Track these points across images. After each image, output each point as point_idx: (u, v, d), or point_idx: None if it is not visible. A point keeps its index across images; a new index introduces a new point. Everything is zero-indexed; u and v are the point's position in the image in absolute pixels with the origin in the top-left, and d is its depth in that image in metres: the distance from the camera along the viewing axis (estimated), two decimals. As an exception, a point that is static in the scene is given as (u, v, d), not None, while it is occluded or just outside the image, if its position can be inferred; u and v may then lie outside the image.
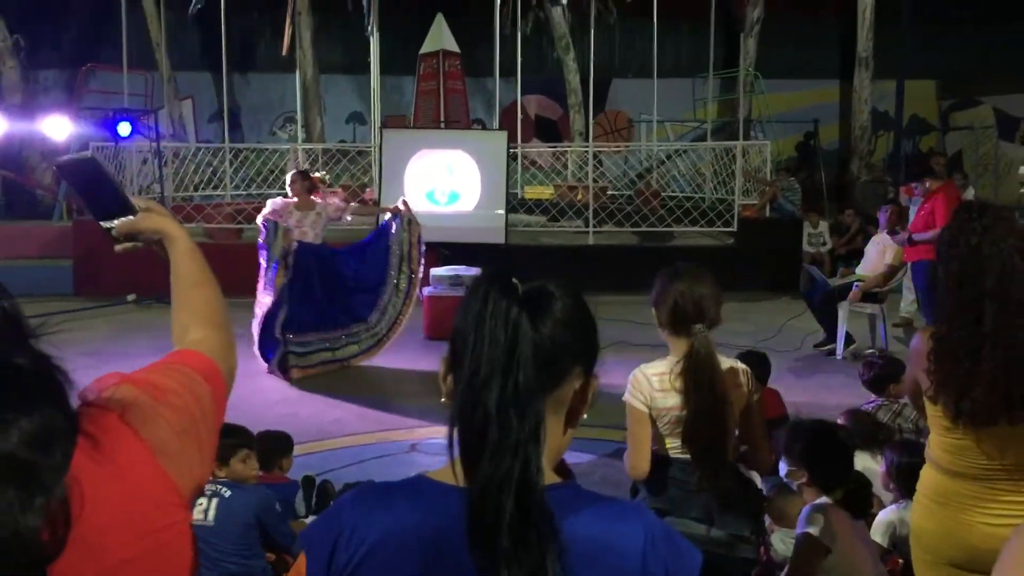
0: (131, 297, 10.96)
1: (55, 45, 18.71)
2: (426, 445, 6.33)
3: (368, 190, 12.62)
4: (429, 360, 8.63)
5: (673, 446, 2.97)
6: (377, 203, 11.13)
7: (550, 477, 1.22)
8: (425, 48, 14.24)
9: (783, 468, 3.95)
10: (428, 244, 11.38)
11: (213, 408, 1.40)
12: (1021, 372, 2.46)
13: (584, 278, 10.90)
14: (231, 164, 14.00)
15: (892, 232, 8.35)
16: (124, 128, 9.82)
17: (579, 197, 13.56)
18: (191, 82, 19.31)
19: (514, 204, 13.00)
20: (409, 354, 8.71)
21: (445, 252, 11.22)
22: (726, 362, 2.99)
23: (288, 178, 8.40)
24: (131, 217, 1.62)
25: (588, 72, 17.93)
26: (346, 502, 1.27)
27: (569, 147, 16.45)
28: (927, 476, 2.74)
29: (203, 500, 3.55)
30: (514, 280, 1.24)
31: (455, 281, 9.31)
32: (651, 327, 3.15)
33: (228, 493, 3.65)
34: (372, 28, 14.07)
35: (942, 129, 20.89)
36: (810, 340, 9.01)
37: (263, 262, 7.76)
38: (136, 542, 1.13)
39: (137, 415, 1.22)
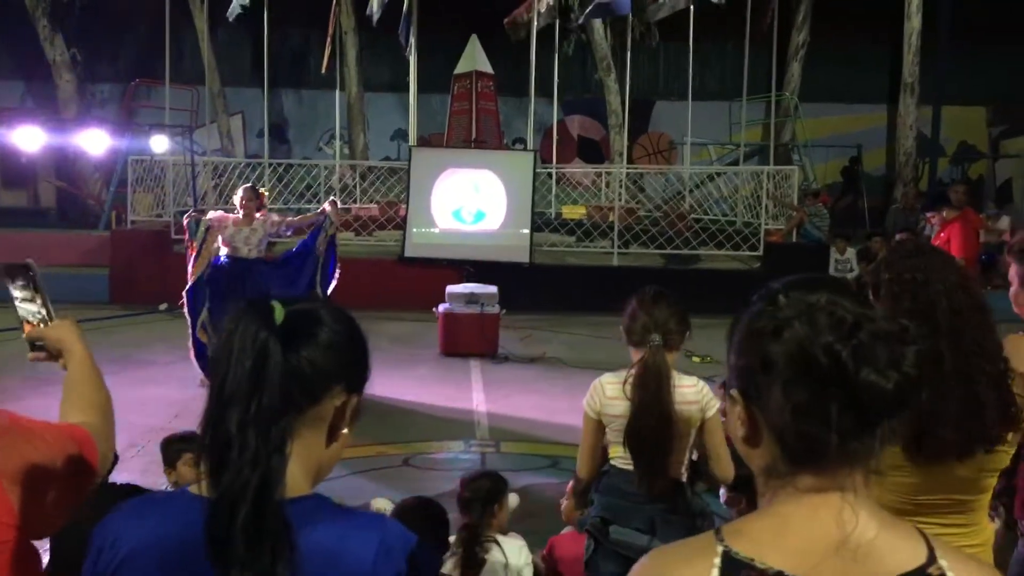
0: (163, 306, 11.28)
1: (111, 59, 19.36)
2: (419, 459, 6.45)
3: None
4: (441, 375, 8.78)
5: (622, 455, 3.07)
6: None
7: (299, 489, 1.31)
8: (459, 69, 14.46)
9: (723, 494, 3.98)
10: (453, 262, 11.66)
11: (77, 471, 1.61)
12: (982, 411, 2.47)
13: (606, 298, 11.00)
14: (268, 179, 14.32)
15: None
16: (159, 143, 10.12)
17: (610, 218, 13.62)
18: (242, 97, 19.82)
19: (548, 223, 13.12)
20: (423, 368, 8.86)
21: (470, 269, 11.37)
22: (684, 379, 3.11)
23: (241, 192, 8.17)
24: (42, 326, 1.84)
25: (629, 93, 18.09)
26: (116, 512, 1.36)
27: (596, 168, 16.52)
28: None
29: None
30: (275, 305, 1.32)
31: (471, 299, 9.43)
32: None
33: None
34: (411, 47, 14.33)
35: (992, 156, 20.52)
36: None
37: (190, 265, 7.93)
38: None
39: None
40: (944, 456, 2.48)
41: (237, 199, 8.08)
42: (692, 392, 3.10)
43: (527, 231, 11.87)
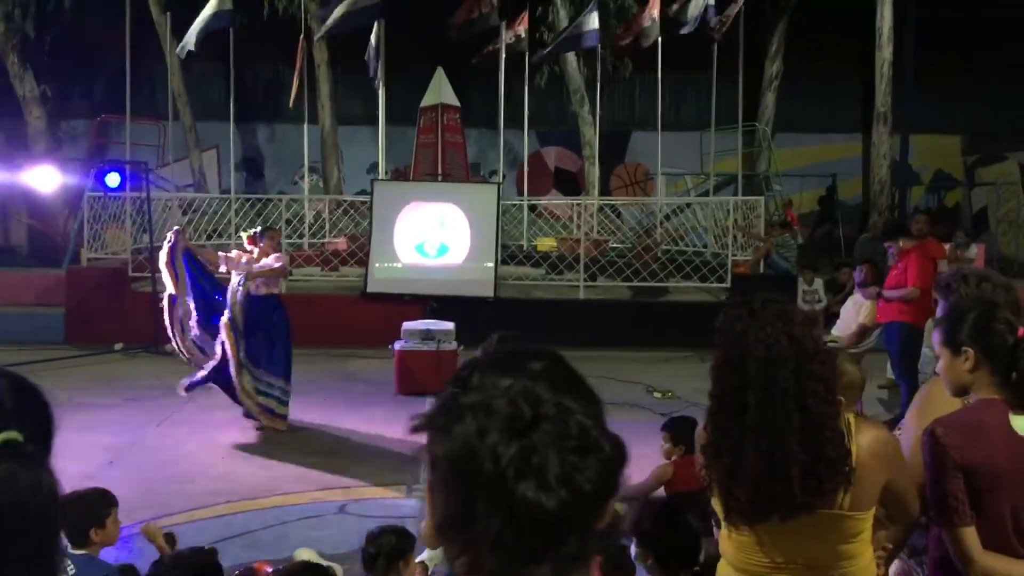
0: (118, 346, 11.06)
1: (81, 95, 19.25)
2: (356, 506, 6.23)
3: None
4: (393, 415, 8.53)
5: None
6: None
7: None
8: (425, 101, 14.38)
9: (633, 550, 3.78)
10: (416, 297, 11.48)
11: None
12: (784, 468, 2.30)
13: (571, 332, 10.86)
14: (236, 214, 14.15)
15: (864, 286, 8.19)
16: (112, 179, 9.97)
17: (576, 251, 13.49)
18: (217, 132, 19.70)
19: (515, 256, 12.96)
20: (376, 408, 8.62)
21: (434, 305, 11.18)
22: None
23: (269, 235, 8.16)
24: None
25: (603, 125, 18.03)
26: None
27: (565, 200, 16.43)
28: (721, 569, 2.59)
29: None
30: None
31: (426, 336, 9.23)
32: (630, 385, 3.09)
33: (72, 571, 3.56)
34: (379, 80, 14.23)
35: (968, 185, 20.51)
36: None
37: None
38: None
39: None
40: (744, 516, 2.33)
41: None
42: None
43: (491, 264, 11.71)
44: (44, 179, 9.74)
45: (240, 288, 7.76)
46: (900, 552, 2.87)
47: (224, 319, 7.64)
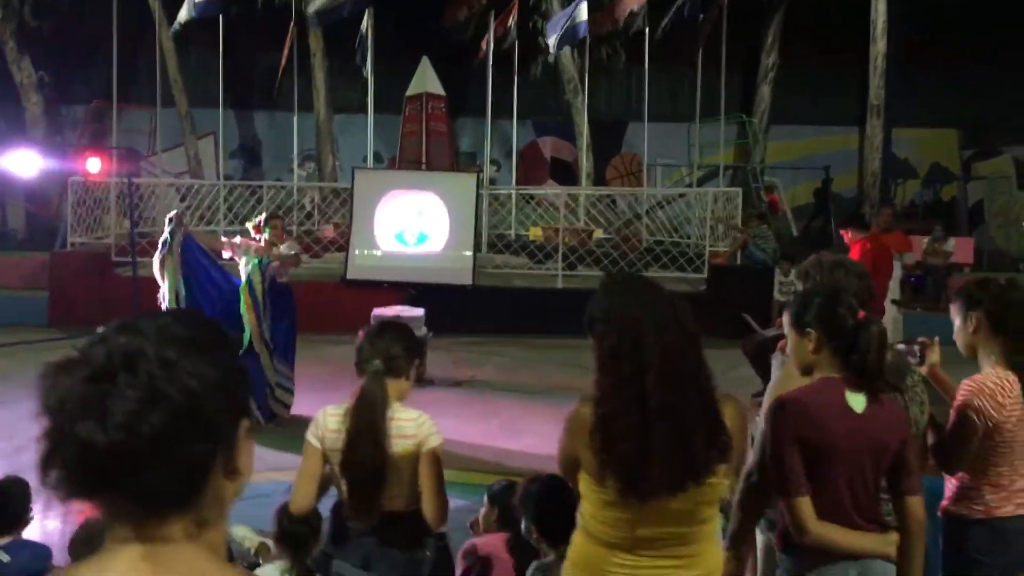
0: (101, 329, 11.19)
1: (80, 81, 19.42)
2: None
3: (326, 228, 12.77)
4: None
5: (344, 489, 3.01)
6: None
7: None
8: (410, 90, 14.46)
9: (523, 524, 3.88)
10: (396, 284, 11.60)
11: None
12: (690, 445, 2.40)
13: (548, 321, 10.95)
14: (224, 201, 14.29)
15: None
16: (93, 164, 10.09)
17: (566, 240, 13.57)
18: (213, 119, 19.83)
19: (513, 245, 13.08)
20: (339, 393, 8.60)
21: (413, 292, 11.30)
22: (406, 412, 3.07)
23: (273, 224, 7.84)
24: None
25: (596, 115, 18.10)
26: None
27: (549, 191, 16.50)
28: (578, 543, 2.67)
29: None
30: None
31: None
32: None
33: (6, 559, 3.66)
34: (366, 69, 14.34)
35: (964, 178, 20.46)
36: (749, 389, 8.84)
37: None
38: None
39: None
40: (656, 494, 2.41)
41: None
42: (411, 425, 3.02)
43: (470, 253, 11.81)
44: (25, 164, 9.87)
45: (265, 271, 7.60)
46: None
47: (245, 300, 7.53)
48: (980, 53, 18.27)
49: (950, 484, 3.23)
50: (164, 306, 7.43)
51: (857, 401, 2.66)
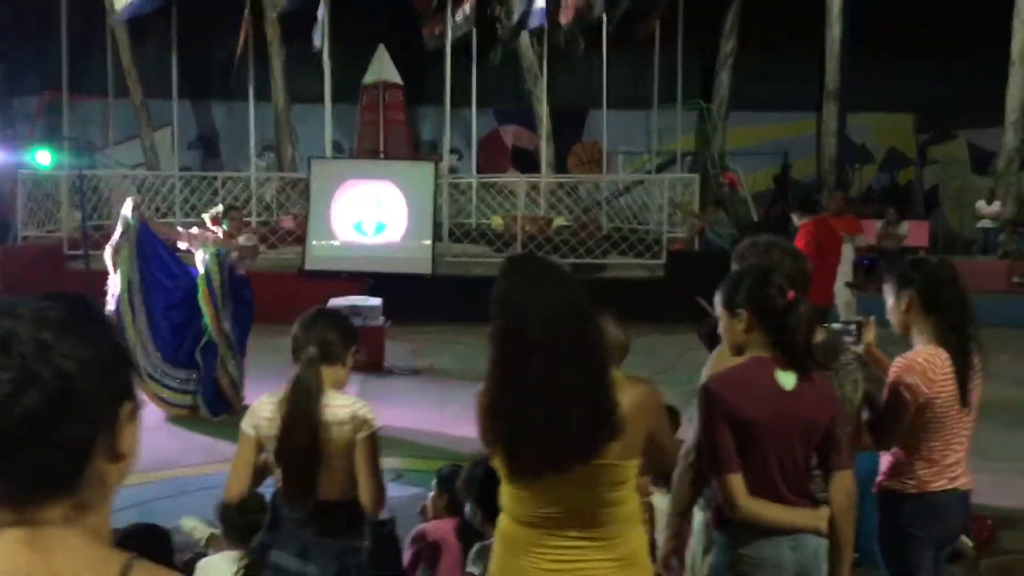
0: None
1: (33, 72, 19.08)
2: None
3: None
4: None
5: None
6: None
7: None
8: (366, 79, 14.37)
9: (467, 509, 3.90)
10: (355, 274, 11.55)
11: None
12: (566, 424, 2.40)
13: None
14: (180, 192, 14.15)
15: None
16: (43, 157, 9.95)
17: (526, 228, 13.58)
18: (170, 110, 19.59)
19: (472, 234, 13.06)
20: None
21: (371, 281, 11.26)
22: (340, 398, 3.05)
23: (231, 215, 7.80)
24: None
25: (556, 102, 18.10)
26: None
27: (506, 178, 16.50)
28: (501, 521, 2.69)
29: None
30: None
31: (352, 312, 9.26)
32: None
33: None
34: (324, 53, 14.22)
35: (919, 163, 20.73)
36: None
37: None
38: None
39: None
40: (534, 472, 2.42)
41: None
42: (345, 412, 3.01)
43: (428, 242, 11.78)
44: (-29, 156, 9.73)
45: (223, 263, 7.54)
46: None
47: (203, 292, 7.47)
48: (934, 37, 18.49)
49: (885, 460, 3.29)
50: (114, 297, 7.34)
51: (787, 379, 2.69)
